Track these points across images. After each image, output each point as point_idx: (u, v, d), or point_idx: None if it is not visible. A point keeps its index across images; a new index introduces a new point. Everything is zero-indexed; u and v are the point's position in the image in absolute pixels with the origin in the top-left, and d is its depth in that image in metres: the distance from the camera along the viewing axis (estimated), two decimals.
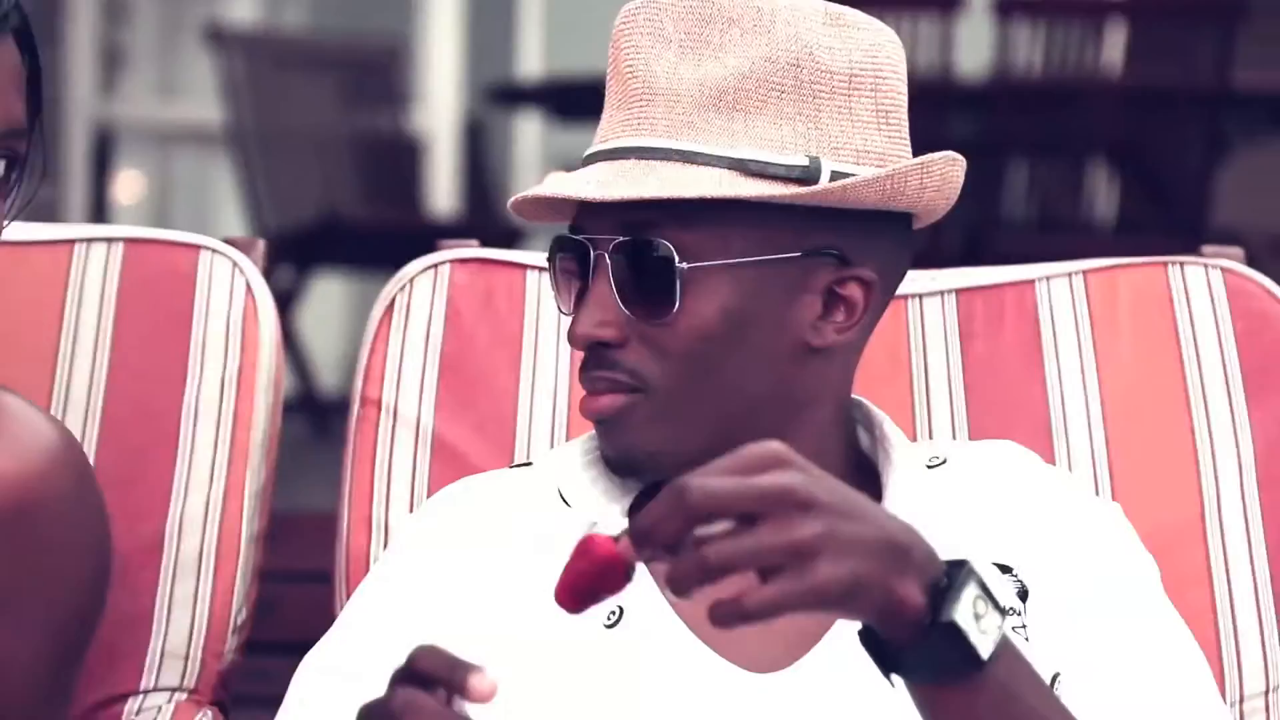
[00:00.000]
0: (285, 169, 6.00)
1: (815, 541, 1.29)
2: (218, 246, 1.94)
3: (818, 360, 1.66)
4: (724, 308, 1.62)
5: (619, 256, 1.63)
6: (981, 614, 1.33)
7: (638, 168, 1.63)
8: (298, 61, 6.32)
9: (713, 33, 1.66)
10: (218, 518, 1.87)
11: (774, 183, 1.62)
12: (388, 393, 1.92)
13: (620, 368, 1.63)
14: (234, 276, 1.93)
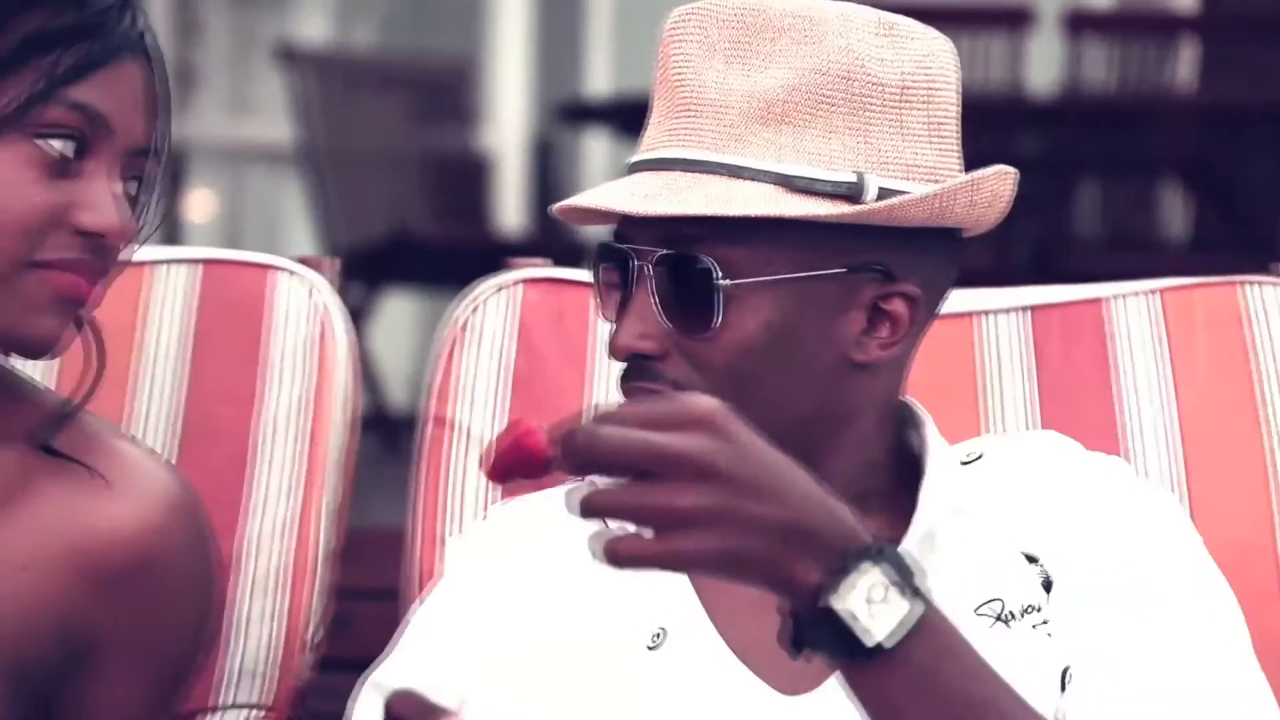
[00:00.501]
0: (355, 187, 6.03)
1: (695, 513, 1.31)
2: (291, 267, 1.95)
3: (861, 375, 1.64)
4: (766, 323, 1.61)
5: (661, 269, 1.62)
6: (878, 600, 1.33)
7: (683, 180, 1.62)
8: (368, 80, 6.35)
9: (761, 43, 1.64)
10: (293, 535, 1.88)
11: (820, 199, 1.60)
12: (458, 411, 1.93)
13: (661, 379, 1.62)
14: (308, 296, 1.94)
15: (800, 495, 1.35)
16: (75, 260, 1.57)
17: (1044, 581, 1.62)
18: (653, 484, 1.31)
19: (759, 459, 1.34)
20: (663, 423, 1.32)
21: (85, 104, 1.58)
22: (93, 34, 1.59)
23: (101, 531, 1.63)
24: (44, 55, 1.57)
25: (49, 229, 1.57)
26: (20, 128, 1.56)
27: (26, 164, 1.56)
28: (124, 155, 1.61)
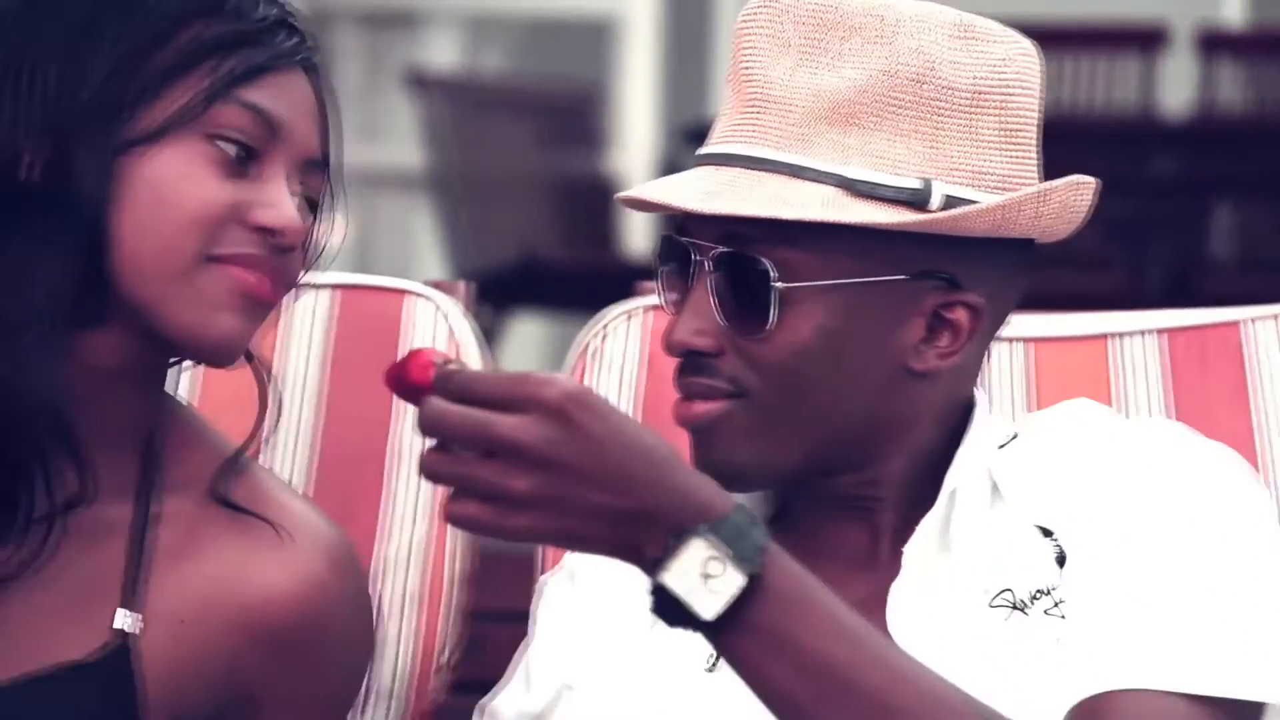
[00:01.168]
0: (485, 211, 6.06)
1: (527, 498, 1.33)
2: (423, 291, 1.96)
3: (920, 383, 1.63)
4: (821, 327, 1.60)
5: (719, 267, 1.61)
6: (715, 574, 1.35)
7: (744, 179, 1.60)
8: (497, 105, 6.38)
9: (832, 40, 1.62)
10: (427, 558, 1.88)
11: (881, 205, 1.59)
12: None
13: (718, 376, 1.62)
14: (439, 320, 1.95)
15: (644, 480, 1.36)
16: (253, 255, 1.59)
17: (1058, 556, 1.59)
18: (490, 462, 1.33)
19: (601, 449, 1.35)
20: (511, 403, 1.34)
21: (256, 104, 1.60)
22: (256, 42, 1.61)
23: (270, 590, 1.64)
24: (213, 59, 1.59)
25: (226, 225, 1.59)
26: (195, 127, 1.59)
27: (203, 162, 1.59)
28: (297, 163, 1.63)
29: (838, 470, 1.65)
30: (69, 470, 1.59)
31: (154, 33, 1.59)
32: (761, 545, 1.37)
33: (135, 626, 1.61)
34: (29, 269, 1.57)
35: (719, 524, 1.36)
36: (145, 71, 1.58)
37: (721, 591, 1.36)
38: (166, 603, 1.62)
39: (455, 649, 1.89)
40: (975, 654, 1.57)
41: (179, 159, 1.58)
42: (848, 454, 1.64)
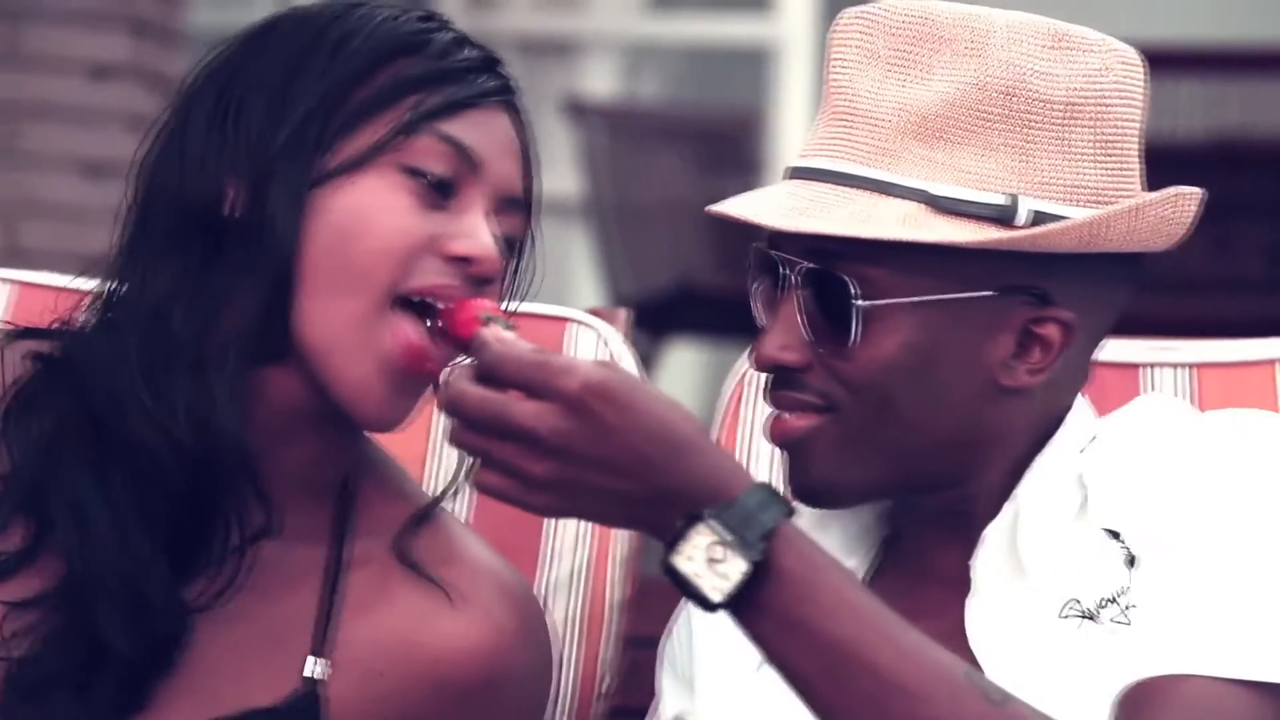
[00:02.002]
0: (640, 238, 6.07)
1: (545, 481, 1.38)
2: (584, 319, 1.97)
3: (1011, 399, 1.61)
4: (907, 344, 1.59)
5: (805, 282, 1.60)
6: (719, 559, 1.38)
7: (829, 195, 1.60)
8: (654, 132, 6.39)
9: (923, 53, 1.60)
10: (586, 584, 1.89)
11: (967, 221, 1.57)
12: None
13: (807, 390, 1.62)
14: (600, 348, 1.95)
15: (659, 466, 1.39)
16: (447, 285, 1.58)
17: (1127, 558, 1.57)
18: (511, 444, 1.38)
19: (616, 438, 1.39)
20: (531, 389, 1.38)
21: (455, 137, 1.60)
22: (458, 80, 1.62)
23: (457, 643, 1.64)
24: (414, 95, 1.60)
25: (421, 256, 1.58)
26: (392, 158, 1.59)
27: (400, 191, 1.59)
28: (496, 199, 1.63)
29: (933, 487, 1.64)
30: (257, 506, 1.60)
31: (356, 71, 1.60)
32: (769, 529, 1.40)
33: (324, 674, 1.62)
34: (222, 304, 1.58)
35: (727, 509, 1.39)
36: (345, 108, 1.59)
37: (727, 575, 1.39)
38: (355, 651, 1.63)
39: (614, 676, 1.90)
40: (1051, 668, 1.56)
41: (375, 190, 1.59)
42: (941, 470, 1.63)
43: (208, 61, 1.64)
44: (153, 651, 1.57)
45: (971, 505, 1.64)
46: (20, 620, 1.56)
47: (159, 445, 1.56)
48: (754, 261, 1.66)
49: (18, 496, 1.59)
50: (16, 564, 1.58)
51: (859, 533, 1.70)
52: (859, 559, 1.69)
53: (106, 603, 1.56)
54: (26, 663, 1.55)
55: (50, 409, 1.60)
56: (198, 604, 1.58)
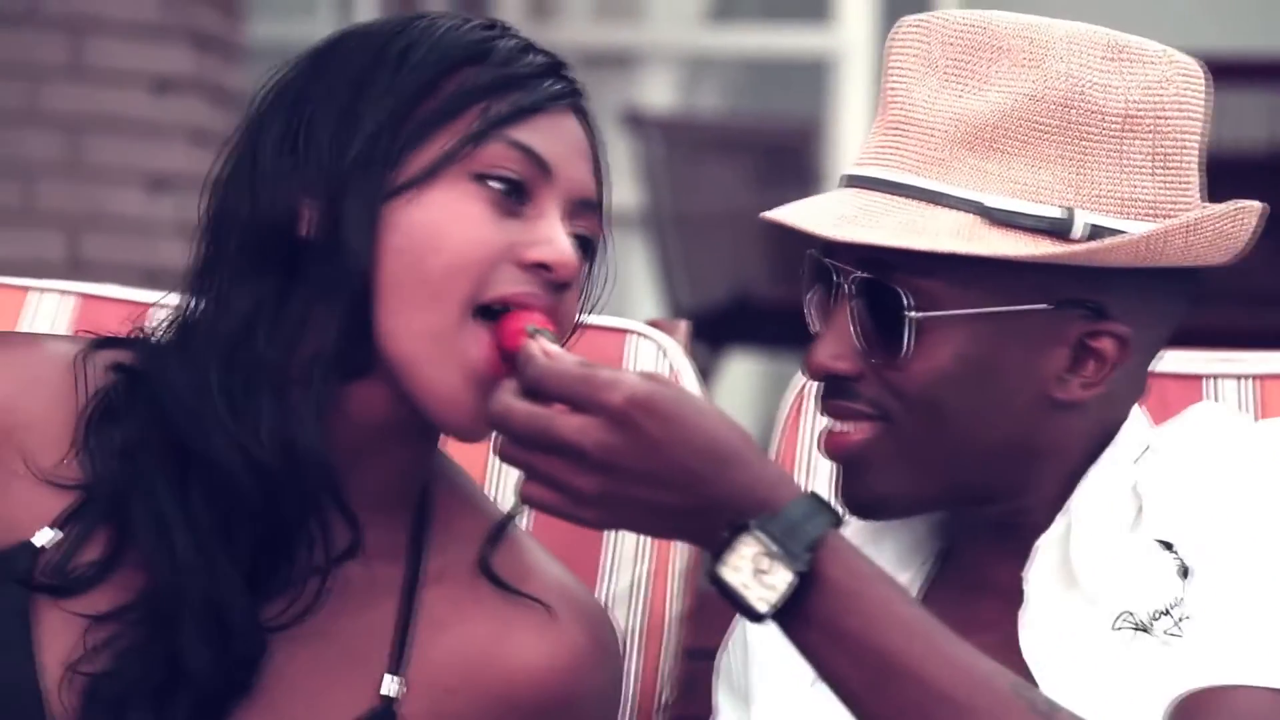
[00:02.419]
0: (699, 250, 6.07)
1: (591, 496, 1.39)
2: (643, 330, 1.97)
3: (1065, 413, 1.60)
4: (959, 355, 1.58)
5: (857, 292, 1.60)
6: (765, 569, 1.39)
7: (880, 204, 1.59)
8: (713, 144, 6.39)
9: (980, 62, 1.59)
10: (646, 597, 1.89)
11: (1020, 234, 1.56)
12: (799, 477, 1.92)
13: (860, 399, 1.61)
14: (660, 359, 1.95)
15: (705, 478, 1.40)
16: (528, 293, 1.57)
17: (1180, 569, 1.56)
18: (557, 458, 1.39)
19: (662, 452, 1.39)
20: (575, 400, 1.39)
21: (523, 143, 1.59)
22: (524, 86, 1.61)
23: (532, 663, 1.64)
24: (481, 103, 1.59)
25: (499, 265, 1.57)
26: (463, 168, 1.58)
27: (472, 202, 1.58)
28: (570, 203, 1.62)
29: (986, 499, 1.64)
30: (339, 524, 1.59)
31: (421, 83, 1.60)
32: (814, 539, 1.40)
33: (399, 692, 1.61)
34: (304, 325, 1.57)
35: (772, 520, 1.40)
36: (412, 121, 1.59)
37: (774, 586, 1.40)
38: (430, 669, 1.62)
39: (673, 688, 1.90)
40: (1104, 680, 1.56)
41: (448, 201, 1.58)
42: (994, 482, 1.63)
43: (273, 82, 1.64)
44: (230, 672, 1.57)
45: (1025, 517, 1.63)
46: (99, 634, 1.56)
47: (239, 466, 1.56)
48: (808, 269, 1.66)
49: (100, 507, 1.59)
50: (97, 576, 1.58)
51: (912, 545, 1.70)
52: (913, 572, 1.69)
53: (187, 620, 1.55)
54: (105, 677, 1.55)
55: (131, 420, 1.60)
56: (277, 623, 1.58)
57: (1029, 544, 1.62)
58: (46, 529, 1.59)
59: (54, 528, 1.59)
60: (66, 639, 1.56)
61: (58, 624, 1.57)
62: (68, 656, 1.56)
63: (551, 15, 7.64)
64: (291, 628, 1.58)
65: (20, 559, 1.58)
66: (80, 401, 1.61)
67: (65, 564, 1.58)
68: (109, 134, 4.83)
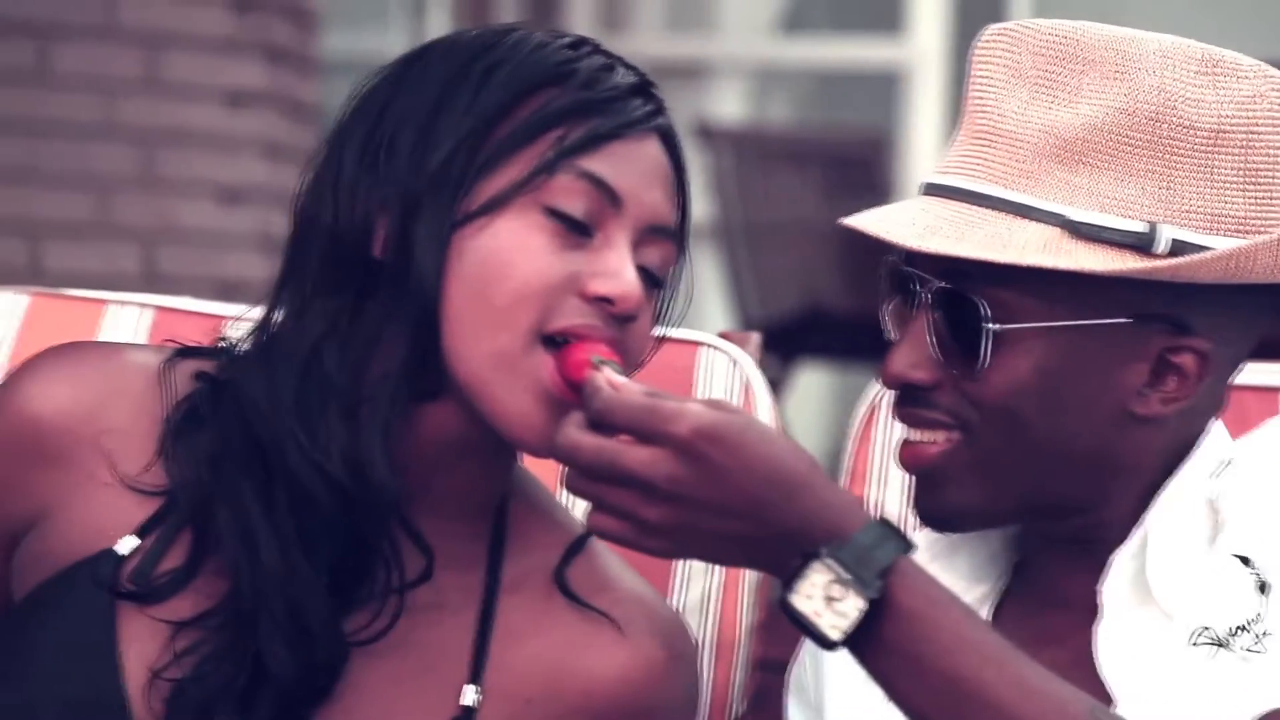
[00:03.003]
0: (769, 262, 6.07)
1: (659, 525, 1.39)
2: (715, 342, 1.97)
3: (1144, 427, 1.59)
4: (1039, 368, 1.57)
5: (937, 302, 1.59)
6: (838, 597, 1.38)
7: (965, 215, 1.58)
8: (783, 155, 6.39)
9: (1069, 74, 1.58)
10: (716, 608, 1.89)
11: (1105, 248, 1.55)
12: (872, 490, 1.92)
13: (936, 409, 1.60)
14: (731, 372, 1.95)
15: (773, 506, 1.40)
16: (590, 326, 1.57)
17: (1258, 585, 1.55)
18: (623, 489, 1.39)
19: (730, 481, 1.39)
20: (641, 431, 1.40)
21: (594, 174, 1.58)
22: (603, 111, 1.60)
23: (609, 674, 1.64)
24: (557, 129, 1.59)
25: (562, 297, 1.57)
26: (532, 198, 1.58)
27: (539, 232, 1.57)
28: (640, 230, 1.61)
29: (1062, 512, 1.63)
30: (412, 548, 1.60)
31: (500, 104, 1.59)
32: (885, 566, 1.40)
33: (478, 701, 1.62)
34: (373, 344, 1.58)
35: (842, 547, 1.40)
36: (488, 143, 1.58)
37: (845, 614, 1.40)
38: (507, 679, 1.63)
39: (744, 700, 1.90)
40: (1182, 696, 1.55)
41: (514, 230, 1.57)
42: (1071, 496, 1.62)
43: (360, 90, 1.64)
44: (312, 677, 1.57)
45: (1101, 531, 1.62)
46: (183, 640, 1.57)
47: (314, 481, 1.57)
48: (886, 277, 1.66)
49: (183, 514, 1.60)
50: (180, 582, 1.59)
51: (987, 559, 1.69)
52: (987, 586, 1.68)
53: (269, 625, 1.56)
54: (189, 683, 1.56)
55: (215, 428, 1.61)
56: (357, 639, 1.58)
57: (1104, 558, 1.61)
58: (130, 536, 1.60)
59: (136, 535, 1.60)
60: (151, 645, 1.57)
61: (142, 630, 1.58)
62: (152, 662, 1.57)
63: (622, 27, 7.65)
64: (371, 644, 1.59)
65: (104, 566, 1.59)
66: (164, 409, 1.62)
67: (149, 570, 1.59)
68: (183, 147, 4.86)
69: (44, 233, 4.84)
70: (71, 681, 1.57)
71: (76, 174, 4.84)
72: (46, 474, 1.62)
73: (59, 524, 1.61)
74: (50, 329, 1.96)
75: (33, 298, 1.99)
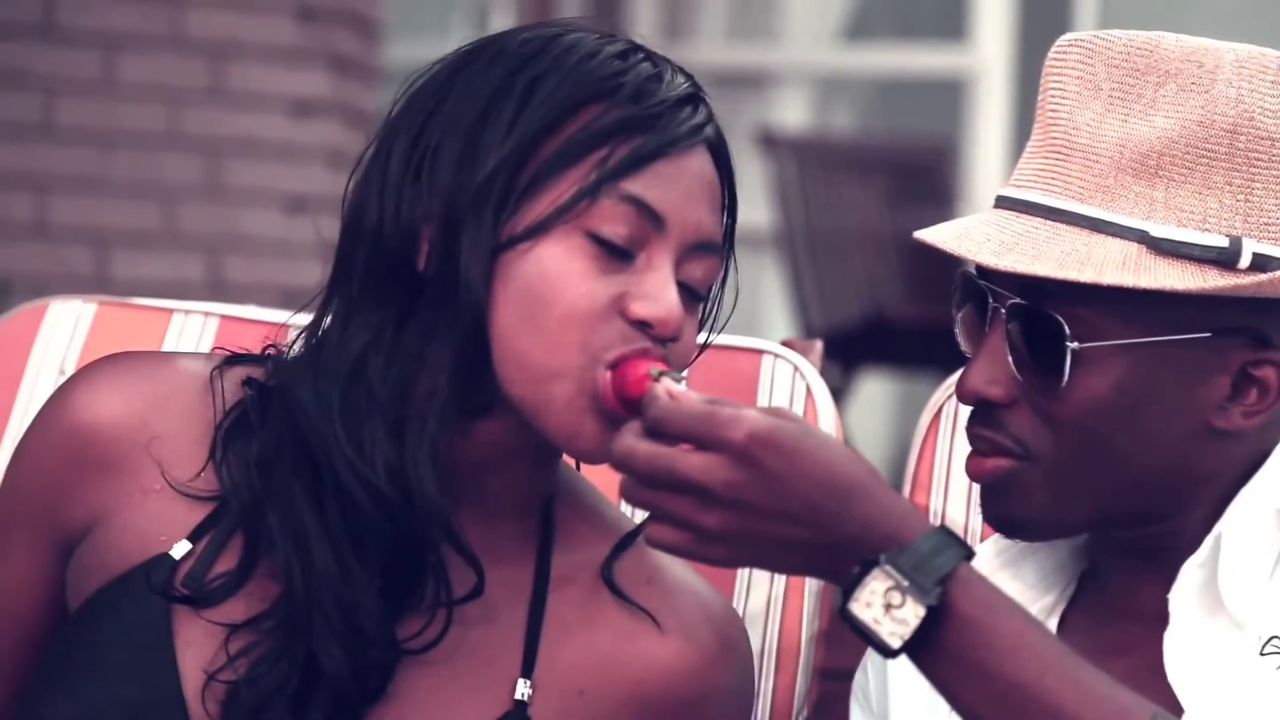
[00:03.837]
0: (832, 270, 6.06)
1: (717, 532, 1.39)
2: (779, 351, 1.97)
3: (1223, 441, 1.58)
4: (1119, 385, 1.56)
5: (1014, 317, 1.57)
6: (896, 604, 1.38)
7: (1042, 231, 1.57)
8: (846, 163, 6.38)
9: (1146, 87, 1.57)
10: (779, 616, 1.89)
11: (1185, 264, 1.53)
12: (935, 499, 1.91)
13: (1005, 430, 1.59)
14: (794, 380, 1.95)
15: (831, 513, 1.39)
16: (636, 352, 1.57)
17: None
18: (681, 497, 1.39)
19: (786, 487, 1.39)
20: (698, 438, 1.39)
21: (636, 197, 1.58)
22: (648, 127, 1.59)
23: (662, 665, 1.64)
24: (598, 149, 1.58)
25: (607, 318, 1.57)
26: (574, 220, 1.57)
27: (581, 256, 1.57)
28: (684, 247, 1.60)
29: (1135, 523, 1.62)
30: (459, 562, 1.60)
31: (547, 121, 1.58)
32: (945, 573, 1.39)
33: (529, 695, 1.62)
34: (418, 360, 1.58)
35: (901, 554, 1.39)
36: (533, 162, 1.58)
37: (905, 621, 1.39)
38: (558, 672, 1.63)
39: (807, 708, 1.89)
40: (1250, 706, 1.54)
41: (558, 254, 1.57)
42: (1145, 509, 1.61)
43: (410, 89, 1.63)
44: (365, 677, 1.58)
45: (1171, 540, 1.62)
46: (237, 642, 1.58)
47: (360, 493, 1.57)
48: (960, 288, 1.65)
49: (235, 518, 1.61)
50: (233, 585, 1.60)
51: (1055, 567, 1.69)
52: (1055, 593, 1.68)
53: (324, 627, 1.57)
54: (244, 684, 1.57)
55: (265, 433, 1.62)
56: (408, 646, 1.59)
57: (1174, 566, 1.61)
58: (184, 541, 1.61)
59: (189, 539, 1.62)
60: (206, 648, 1.59)
61: (197, 633, 1.59)
62: (207, 665, 1.58)
63: (685, 35, 7.65)
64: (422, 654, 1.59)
65: (159, 570, 1.60)
66: (214, 416, 1.63)
67: (201, 574, 1.60)
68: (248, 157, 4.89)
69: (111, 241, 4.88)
70: (130, 684, 1.58)
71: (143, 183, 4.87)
72: (98, 482, 1.63)
73: (112, 531, 1.63)
74: (116, 338, 1.97)
75: (100, 306, 2.01)
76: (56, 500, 1.64)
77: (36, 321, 1.99)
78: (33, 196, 4.86)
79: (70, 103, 4.85)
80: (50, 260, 4.85)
